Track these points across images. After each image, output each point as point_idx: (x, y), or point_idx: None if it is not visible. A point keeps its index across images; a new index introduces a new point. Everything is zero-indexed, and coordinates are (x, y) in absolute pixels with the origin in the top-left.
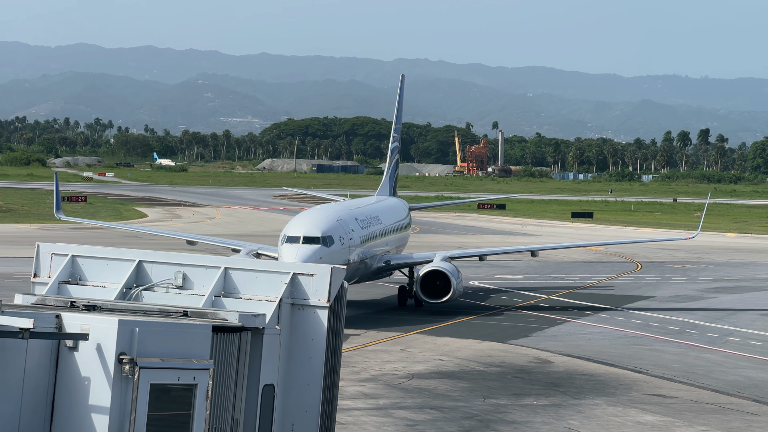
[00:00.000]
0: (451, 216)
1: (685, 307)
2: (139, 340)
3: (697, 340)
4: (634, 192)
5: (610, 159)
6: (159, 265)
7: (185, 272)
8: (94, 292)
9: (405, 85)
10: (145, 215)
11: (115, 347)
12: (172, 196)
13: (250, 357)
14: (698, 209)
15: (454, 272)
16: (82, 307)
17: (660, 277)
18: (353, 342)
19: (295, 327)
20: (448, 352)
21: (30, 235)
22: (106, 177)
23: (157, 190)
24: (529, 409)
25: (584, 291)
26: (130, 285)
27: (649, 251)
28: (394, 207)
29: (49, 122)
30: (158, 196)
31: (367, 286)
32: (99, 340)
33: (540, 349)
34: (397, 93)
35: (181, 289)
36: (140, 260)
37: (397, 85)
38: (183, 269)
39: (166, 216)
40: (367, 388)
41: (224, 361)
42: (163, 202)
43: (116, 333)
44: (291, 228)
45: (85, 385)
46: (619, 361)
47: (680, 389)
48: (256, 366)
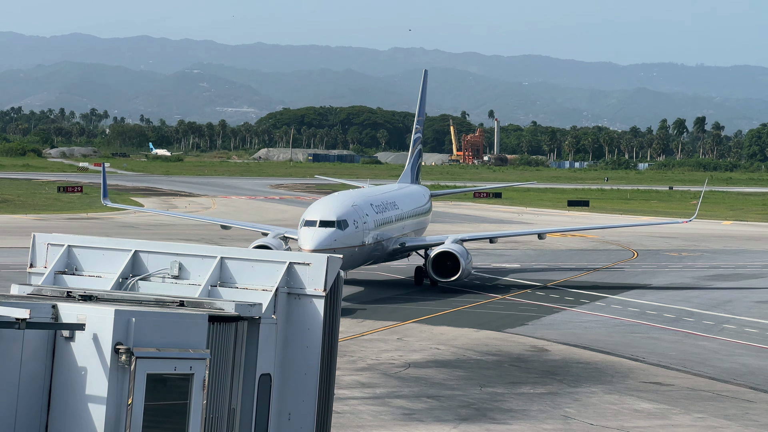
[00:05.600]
0: (447, 205)
1: (682, 295)
2: (135, 330)
3: (694, 328)
4: (630, 180)
5: (606, 147)
6: (155, 255)
7: (181, 262)
8: (91, 282)
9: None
10: (142, 206)
11: (111, 337)
12: (167, 186)
13: (246, 346)
14: (694, 197)
15: (463, 253)
16: (79, 297)
17: (656, 265)
18: (350, 331)
19: (291, 316)
20: (444, 341)
21: (26, 225)
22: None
23: (153, 180)
24: (526, 397)
25: (580, 279)
26: (127, 275)
27: (645, 239)
28: (413, 194)
29: (45, 113)
30: (154, 186)
31: (387, 267)
32: (95, 330)
33: (536, 338)
34: (420, 87)
35: (178, 278)
36: (136, 250)
37: (393, 74)
38: (179, 259)
39: (162, 206)
40: (364, 377)
41: (221, 351)
42: (159, 192)
43: (112, 323)
44: (309, 213)
45: (81, 375)
46: (616, 349)
47: (677, 377)
48: (253, 355)
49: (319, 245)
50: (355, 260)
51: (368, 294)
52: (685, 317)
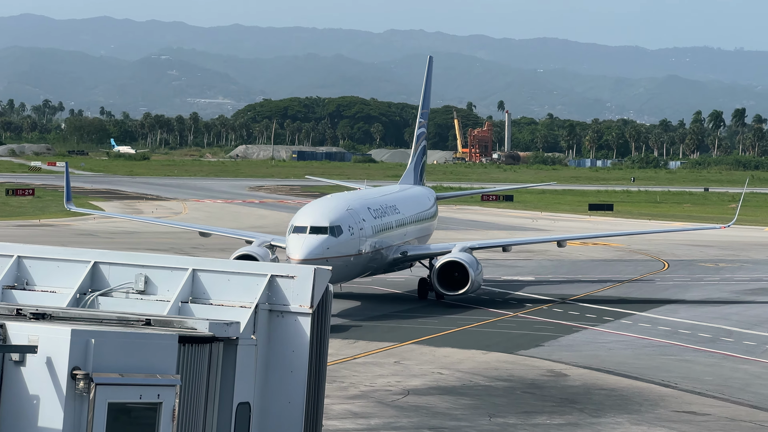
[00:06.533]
0: (451, 209)
1: (719, 311)
2: (95, 352)
3: (733, 349)
4: (660, 181)
5: (632, 143)
6: (117, 266)
7: (147, 275)
8: (44, 298)
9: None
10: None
11: (67, 361)
12: (132, 189)
13: (222, 371)
14: (733, 200)
15: (473, 263)
16: (30, 316)
17: (690, 278)
18: (341, 353)
19: (273, 337)
20: (448, 365)
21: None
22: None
23: (115, 182)
24: (542, 429)
25: (604, 293)
26: (85, 290)
27: (677, 248)
28: (416, 196)
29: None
30: (116, 188)
31: (386, 279)
32: (49, 353)
33: (553, 361)
34: (425, 75)
35: (143, 294)
36: (96, 261)
37: (389, 60)
38: (145, 271)
39: (125, 211)
40: (357, 406)
41: (193, 377)
42: (122, 195)
43: (69, 345)
44: (298, 218)
45: (33, 404)
46: (644, 373)
47: (714, 405)
48: (230, 381)
49: (310, 254)
50: (350, 271)
51: (364, 310)
52: (723, 337)
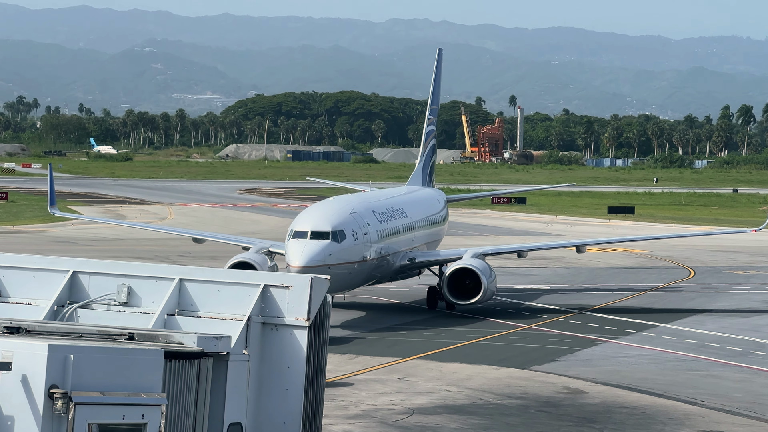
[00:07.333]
0: (460, 213)
1: (749, 322)
2: (73, 369)
3: (765, 364)
4: (685, 181)
5: (654, 141)
6: (98, 276)
7: (130, 285)
8: (18, 310)
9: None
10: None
11: (44, 379)
12: (113, 192)
13: (211, 389)
14: (764, 202)
15: (486, 270)
16: (4, 330)
17: (718, 286)
18: (340, 369)
19: (267, 352)
20: (456, 381)
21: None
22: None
23: (96, 185)
24: None
25: (625, 304)
26: (63, 302)
27: (703, 254)
28: (424, 199)
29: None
30: (97, 191)
31: (394, 287)
32: (24, 371)
33: (570, 377)
34: (434, 68)
35: (126, 306)
36: (75, 271)
37: (391, 52)
38: (128, 281)
39: (107, 216)
40: (357, 426)
41: (180, 395)
42: (103, 199)
43: (46, 361)
44: (298, 222)
45: (7, 425)
46: (669, 390)
47: (744, 424)
48: (220, 400)
49: (311, 261)
50: (354, 279)
51: (367, 321)
52: (753, 350)
